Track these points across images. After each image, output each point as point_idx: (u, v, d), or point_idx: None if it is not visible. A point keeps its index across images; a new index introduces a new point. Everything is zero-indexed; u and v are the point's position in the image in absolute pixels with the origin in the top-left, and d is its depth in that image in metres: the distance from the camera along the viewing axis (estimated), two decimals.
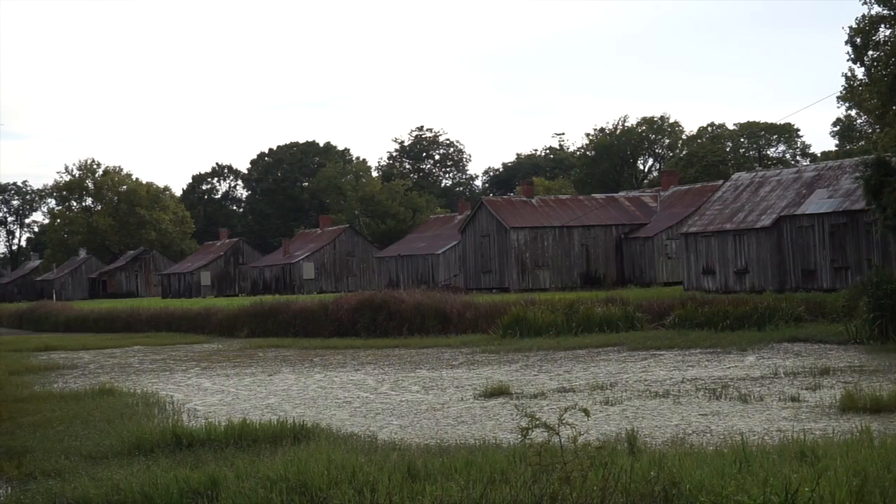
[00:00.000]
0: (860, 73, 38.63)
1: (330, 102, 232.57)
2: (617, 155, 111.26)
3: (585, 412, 10.93)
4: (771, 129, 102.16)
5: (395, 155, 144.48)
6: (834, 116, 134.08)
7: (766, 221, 46.07)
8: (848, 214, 42.43)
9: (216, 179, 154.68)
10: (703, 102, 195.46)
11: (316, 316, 45.34)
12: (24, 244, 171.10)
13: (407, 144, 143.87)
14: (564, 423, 10.68)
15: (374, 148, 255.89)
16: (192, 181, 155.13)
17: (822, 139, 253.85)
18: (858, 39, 36.86)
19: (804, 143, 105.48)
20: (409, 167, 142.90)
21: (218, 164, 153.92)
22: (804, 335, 31.22)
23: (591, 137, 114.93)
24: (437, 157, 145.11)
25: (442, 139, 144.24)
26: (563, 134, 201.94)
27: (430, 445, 14.89)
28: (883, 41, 36.86)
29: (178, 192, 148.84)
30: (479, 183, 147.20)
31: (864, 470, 10.58)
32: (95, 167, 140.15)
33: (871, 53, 37.05)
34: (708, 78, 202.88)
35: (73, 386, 27.33)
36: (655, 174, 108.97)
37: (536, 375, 25.52)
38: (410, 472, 11.95)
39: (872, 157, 35.23)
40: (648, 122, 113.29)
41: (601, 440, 14.46)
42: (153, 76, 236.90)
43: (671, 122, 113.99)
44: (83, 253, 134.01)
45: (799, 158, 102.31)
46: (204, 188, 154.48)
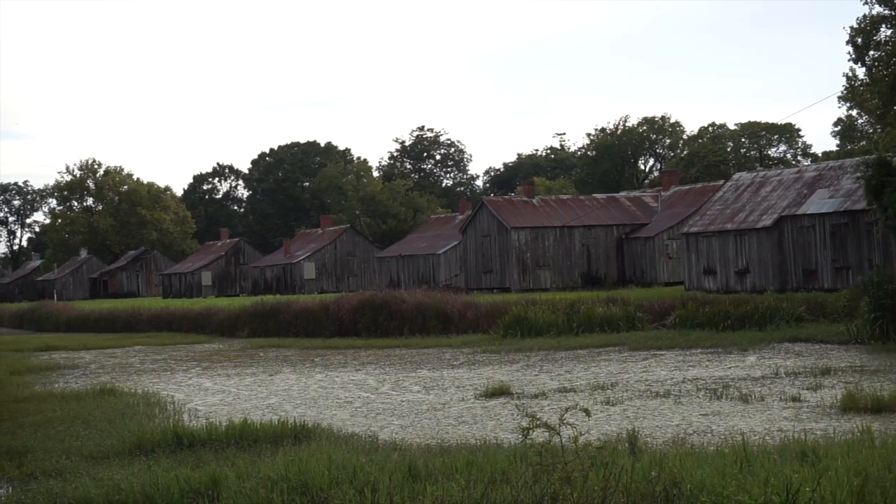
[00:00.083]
0: (861, 73, 38.70)
1: (331, 102, 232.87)
2: (618, 155, 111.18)
3: (586, 412, 10.91)
4: (772, 129, 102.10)
5: (395, 155, 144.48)
6: (835, 116, 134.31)
7: (767, 221, 46.05)
8: (849, 214, 42.41)
9: (217, 179, 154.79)
10: (703, 102, 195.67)
11: (317, 316, 45.36)
12: (25, 244, 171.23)
13: (408, 144, 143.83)
14: (565, 423, 10.66)
15: (374, 148, 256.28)
16: (193, 181, 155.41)
17: (823, 139, 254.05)
18: (859, 39, 36.91)
19: (805, 143, 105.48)
20: (409, 167, 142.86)
21: (219, 164, 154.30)
22: (805, 335, 31.23)
23: (591, 137, 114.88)
24: (437, 157, 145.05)
25: (443, 139, 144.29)
26: (563, 134, 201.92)
27: (430, 445, 14.88)
28: (884, 41, 36.91)
29: (179, 192, 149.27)
30: (479, 183, 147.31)
31: (865, 470, 10.57)
32: (96, 167, 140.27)
33: (872, 53, 37.10)
34: (708, 78, 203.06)
35: (74, 386, 27.34)
36: (656, 174, 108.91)
37: (537, 375, 25.51)
38: (411, 472, 11.94)
39: (873, 157, 35.21)
40: (649, 122, 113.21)
41: (602, 440, 14.45)
42: (154, 77, 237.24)
43: (672, 122, 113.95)
44: (84, 253, 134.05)
45: (800, 158, 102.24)
46: (205, 188, 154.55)
